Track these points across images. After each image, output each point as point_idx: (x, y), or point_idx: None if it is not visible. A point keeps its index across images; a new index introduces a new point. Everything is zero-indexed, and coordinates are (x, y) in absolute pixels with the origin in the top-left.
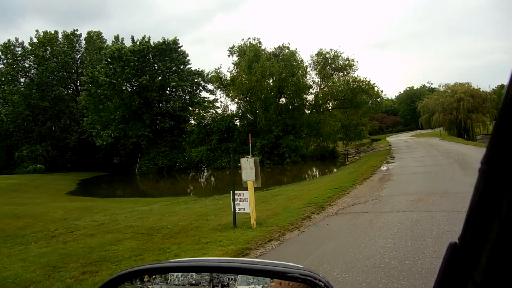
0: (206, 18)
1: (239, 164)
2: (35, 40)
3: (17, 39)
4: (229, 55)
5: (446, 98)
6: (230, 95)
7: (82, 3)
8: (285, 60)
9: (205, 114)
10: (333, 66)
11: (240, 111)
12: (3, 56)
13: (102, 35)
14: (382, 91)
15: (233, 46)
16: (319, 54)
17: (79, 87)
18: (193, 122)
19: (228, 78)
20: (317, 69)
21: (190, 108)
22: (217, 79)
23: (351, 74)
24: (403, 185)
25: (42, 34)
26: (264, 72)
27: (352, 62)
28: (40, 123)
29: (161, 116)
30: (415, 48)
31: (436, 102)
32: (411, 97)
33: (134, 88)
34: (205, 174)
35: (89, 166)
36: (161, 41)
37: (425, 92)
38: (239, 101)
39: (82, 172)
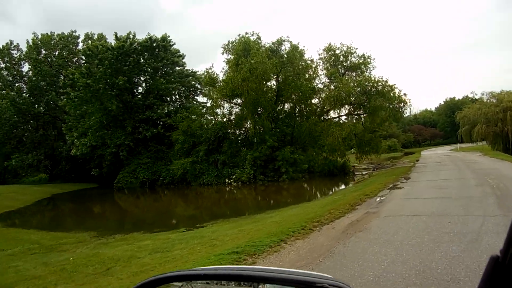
0: (248, 30)
1: None
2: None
3: (11, 42)
4: (223, 53)
5: (490, 107)
6: (214, 97)
7: (130, 15)
8: (287, 57)
9: (191, 121)
10: (345, 64)
11: (230, 117)
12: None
13: (106, 36)
14: (405, 95)
15: (228, 43)
16: (328, 49)
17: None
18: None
19: (221, 79)
20: (325, 68)
21: (176, 115)
22: (209, 81)
23: (366, 74)
24: (373, 253)
25: (40, 36)
26: (253, 69)
27: (368, 60)
28: (33, 131)
29: (145, 123)
30: (459, 58)
31: (479, 112)
32: (452, 108)
33: (113, 90)
34: (185, 192)
35: (84, 177)
36: (147, 37)
37: (468, 103)
38: (234, 105)
39: (72, 184)
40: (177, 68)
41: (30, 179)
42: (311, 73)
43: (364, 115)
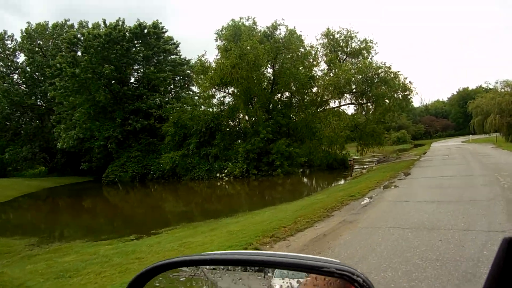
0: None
1: None
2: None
3: (5, 32)
4: (216, 39)
5: (505, 97)
6: (203, 86)
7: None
8: (282, 42)
9: (181, 112)
10: (345, 50)
11: (223, 108)
12: None
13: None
14: (411, 82)
15: (222, 28)
16: (327, 34)
17: None
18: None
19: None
20: (324, 54)
21: (167, 106)
22: (201, 69)
23: (368, 60)
24: None
25: (34, 26)
26: (243, 55)
27: (370, 44)
28: (28, 123)
29: (135, 115)
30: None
31: (492, 102)
32: (465, 98)
33: (101, 80)
34: (174, 187)
35: (81, 170)
36: (136, 24)
37: (481, 92)
38: (227, 95)
39: (67, 177)
40: (172, 56)
41: (31, 172)
42: (311, 60)
43: (367, 104)
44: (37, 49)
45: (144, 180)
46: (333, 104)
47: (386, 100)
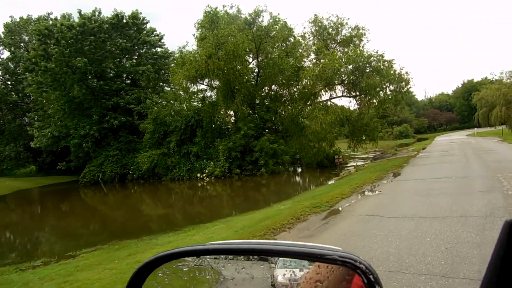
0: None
1: None
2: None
3: None
4: (198, 29)
5: (511, 87)
6: (176, 79)
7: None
8: (264, 30)
9: (161, 108)
10: (336, 38)
11: (203, 103)
12: None
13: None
14: (407, 73)
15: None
16: (315, 21)
17: None
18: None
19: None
20: (313, 43)
21: (146, 101)
22: (181, 61)
23: (360, 48)
24: None
25: (18, 20)
26: (220, 45)
27: (362, 31)
28: (11, 121)
29: (113, 111)
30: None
31: (497, 93)
32: (470, 90)
33: (75, 74)
34: (151, 188)
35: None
36: (113, 14)
37: (487, 84)
38: (209, 89)
39: (52, 177)
40: (158, 49)
41: (22, 171)
42: (301, 50)
43: (361, 97)
44: (21, 44)
45: (124, 181)
46: (325, 97)
47: (381, 92)
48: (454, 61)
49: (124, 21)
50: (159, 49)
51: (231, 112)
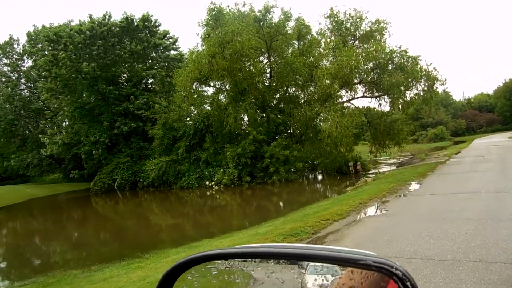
0: None
1: None
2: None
3: (11, 36)
4: (203, 27)
5: None
6: (179, 81)
7: None
8: (275, 26)
9: (170, 112)
10: (355, 34)
11: (212, 106)
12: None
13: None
14: (435, 69)
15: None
16: (331, 16)
17: None
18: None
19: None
20: (330, 40)
21: (155, 106)
22: (190, 63)
23: (381, 43)
24: None
25: (40, 28)
26: (224, 43)
27: (385, 25)
28: (34, 128)
29: (124, 117)
30: None
31: None
32: None
33: (86, 80)
34: (159, 197)
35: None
36: (123, 18)
37: None
38: (220, 91)
39: (73, 184)
40: (173, 52)
41: (51, 177)
42: (321, 49)
43: (383, 96)
44: (45, 52)
45: (135, 188)
46: (346, 98)
47: (407, 92)
48: (494, 60)
49: (135, 24)
50: (173, 52)
51: (246, 117)
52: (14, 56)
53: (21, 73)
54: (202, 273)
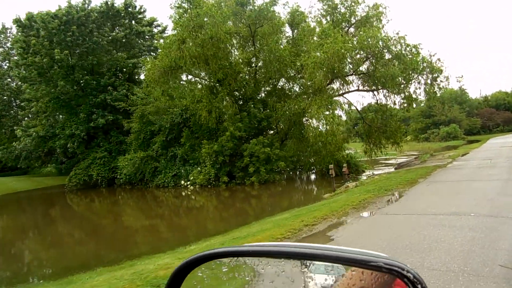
0: None
1: None
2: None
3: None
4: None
5: None
6: (148, 71)
7: None
8: (258, 11)
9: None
10: (350, 20)
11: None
12: None
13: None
14: (440, 60)
15: None
16: None
17: None
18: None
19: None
20: (319, 25)
21: (131, 97)
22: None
23: (375, 29)
24: None
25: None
26: (197, 27)
27: (384, 10)
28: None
29: (102, 109)
30: None
31: None
32: None
33: (61, 68)
34: (131, 196)
35: None
36: (102, 2)
37: None
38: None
39: (60, 177)
40: (162, 41)
41: (48, 169)
42: (316, 38)
43: (377, 89)
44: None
45: (112, 185)
46: (340, 91)
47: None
48: None
49: (116, 9)
50: (162, 41)
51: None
52: (7, 45)
53: (11, 62)
54: (212, 270)
